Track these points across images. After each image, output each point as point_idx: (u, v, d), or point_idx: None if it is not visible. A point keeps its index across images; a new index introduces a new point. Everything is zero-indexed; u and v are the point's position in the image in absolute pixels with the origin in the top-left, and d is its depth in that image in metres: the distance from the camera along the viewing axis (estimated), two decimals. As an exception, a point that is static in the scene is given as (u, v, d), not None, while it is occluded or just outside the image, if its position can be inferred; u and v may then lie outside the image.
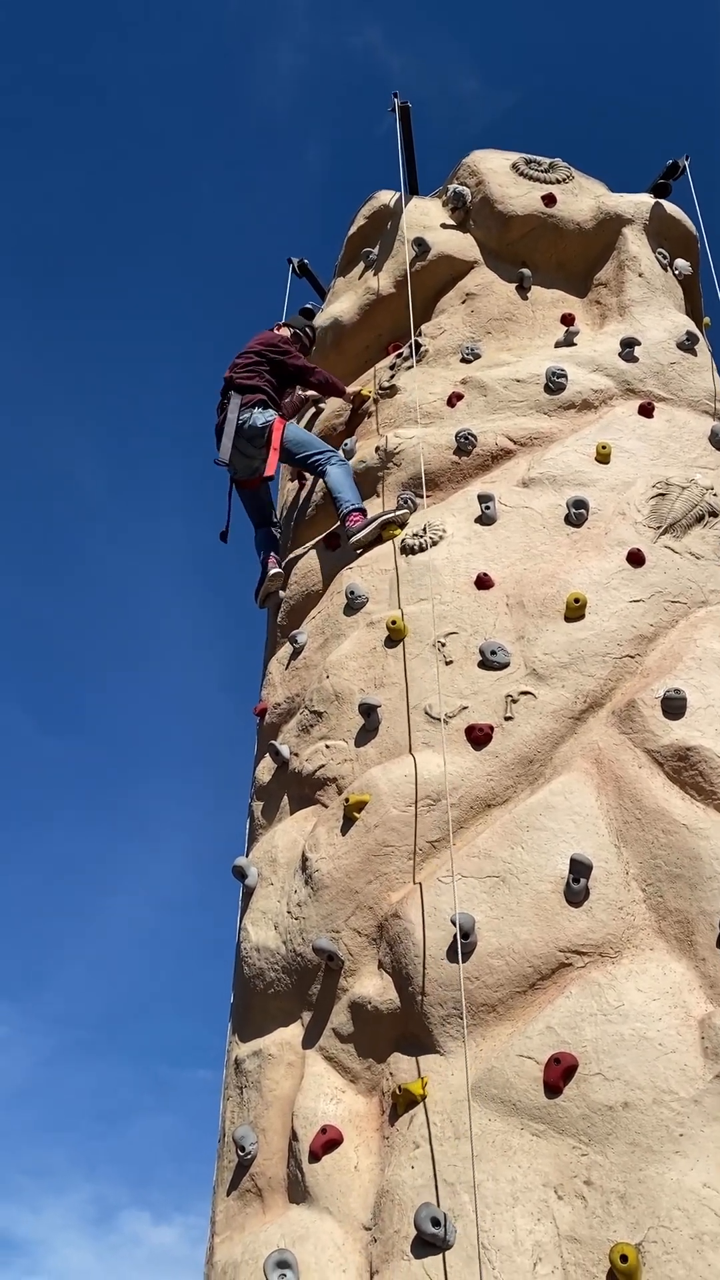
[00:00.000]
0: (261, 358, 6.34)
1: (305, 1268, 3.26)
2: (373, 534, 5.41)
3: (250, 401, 6.11)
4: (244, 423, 6.03)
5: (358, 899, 3.98)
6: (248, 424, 6.02)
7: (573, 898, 3.63)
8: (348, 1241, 3.31)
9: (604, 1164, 3.05)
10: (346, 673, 4.71)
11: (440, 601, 4.70)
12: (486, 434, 5.57)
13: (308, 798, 4.60)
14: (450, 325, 6.41)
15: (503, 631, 4.54)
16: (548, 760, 4.12)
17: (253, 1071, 4.07)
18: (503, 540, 4.96)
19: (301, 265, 7.82)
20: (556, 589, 4.60)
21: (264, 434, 5.99)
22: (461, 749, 4.17)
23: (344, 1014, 3.85)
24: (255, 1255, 3.44)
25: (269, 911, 4.36)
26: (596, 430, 5.42)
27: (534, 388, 5.71)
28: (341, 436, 6.53)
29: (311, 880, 4.12)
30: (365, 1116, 3.64)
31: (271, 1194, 3.73)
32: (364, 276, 7.01)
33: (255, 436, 6.01)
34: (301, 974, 4.06)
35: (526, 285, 6.43)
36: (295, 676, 5.19)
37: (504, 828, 3.89)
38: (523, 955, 3.56)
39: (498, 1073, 3.33)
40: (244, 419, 6.05)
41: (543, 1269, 2.92)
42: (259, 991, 4.25)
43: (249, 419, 6.03)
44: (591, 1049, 3.26)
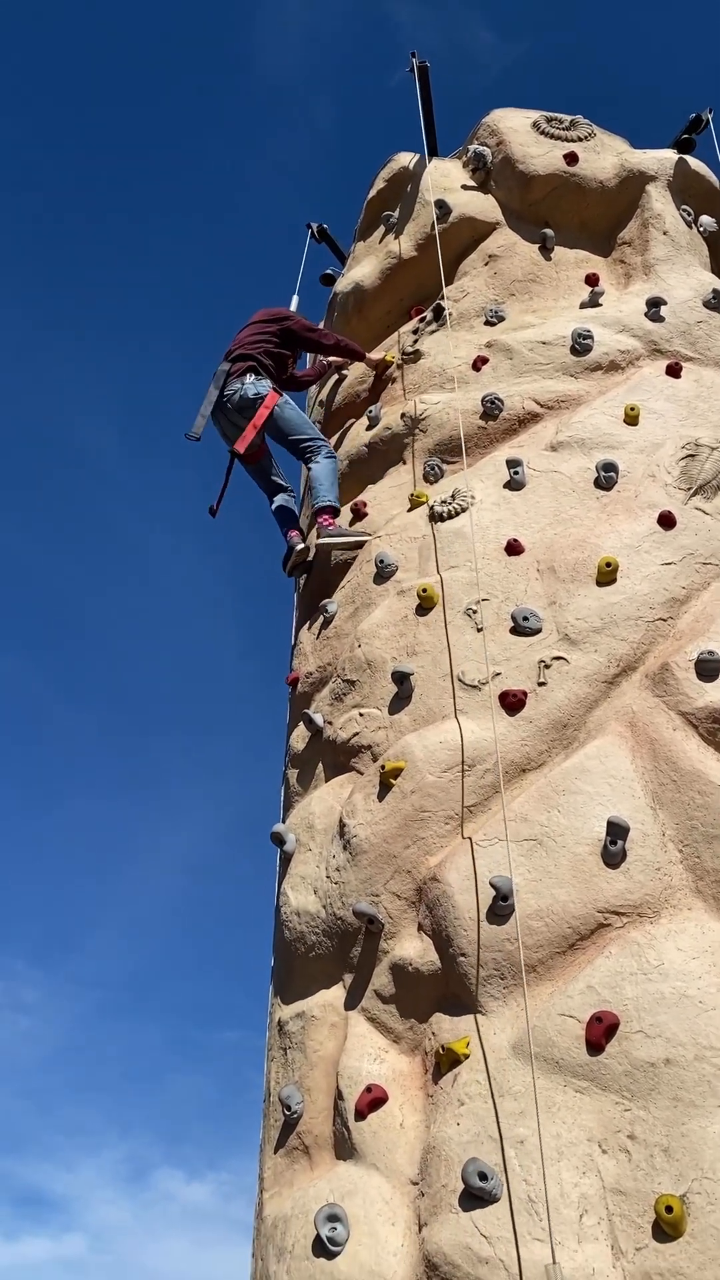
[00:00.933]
0: (267, 326, 6.14)
1: (355, 1221, 3.35)
2: (343, 546, 5.44)
3: (239, 370, 5.86)
4: (233, 393, 5.78)
5: (396, 863, 4.03)
6: (237, 394, 5.78)
7: (610, 860, 3.67)
8: (395, 1196, 3.39)
9: (647, 1119, 3.12)
10: (378, 641, 4.74)
11: (471, 568, 4.72)
12: (513, 398, 5.55)
13: (343, 765, 4.65)
14: (473, 288, 6.37)
15: (534, 597, 4.55)
16: (582, 724, 4.15)
17: (296, 1033, 4.15)
18: (532, 505, 4.96)
19: (320, 230, 7.77)
20: (587, 553, 4.61)
21: (255, 406, 5.76)
22: (497, 715, 4.20)
23: (385, 976, 3.92)
24: (305, 1210, 3.53)
25: (308, 876, 4.42)
26: (624, 392, 5.39)
27: (560, 350, 5.68)
28: (365, 403, 6.52)
29: (350, 846, 4.18)
30: (409, 1075, 3.72)
31: (319, 1151, 3.82)
32: (384, 240, 6.96)
33: (246, 407, 5.77)
34: (342, 937, 4.13)
35: (549, 246, 6.37)
36: (326, 645, 5.22)
37: (540, 792, 3.93)
38: (561, 917, 3.61)
39: (540, 1031, 3.39)
40: (232, 390, 5.79)
41: (589, 1220, 2.99)
42: (300, 955, 4.33)
43: (239, 389, 5.79)
44: (632, 1007, 3.31)
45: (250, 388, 5.76)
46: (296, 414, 5.96)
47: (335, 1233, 3.33)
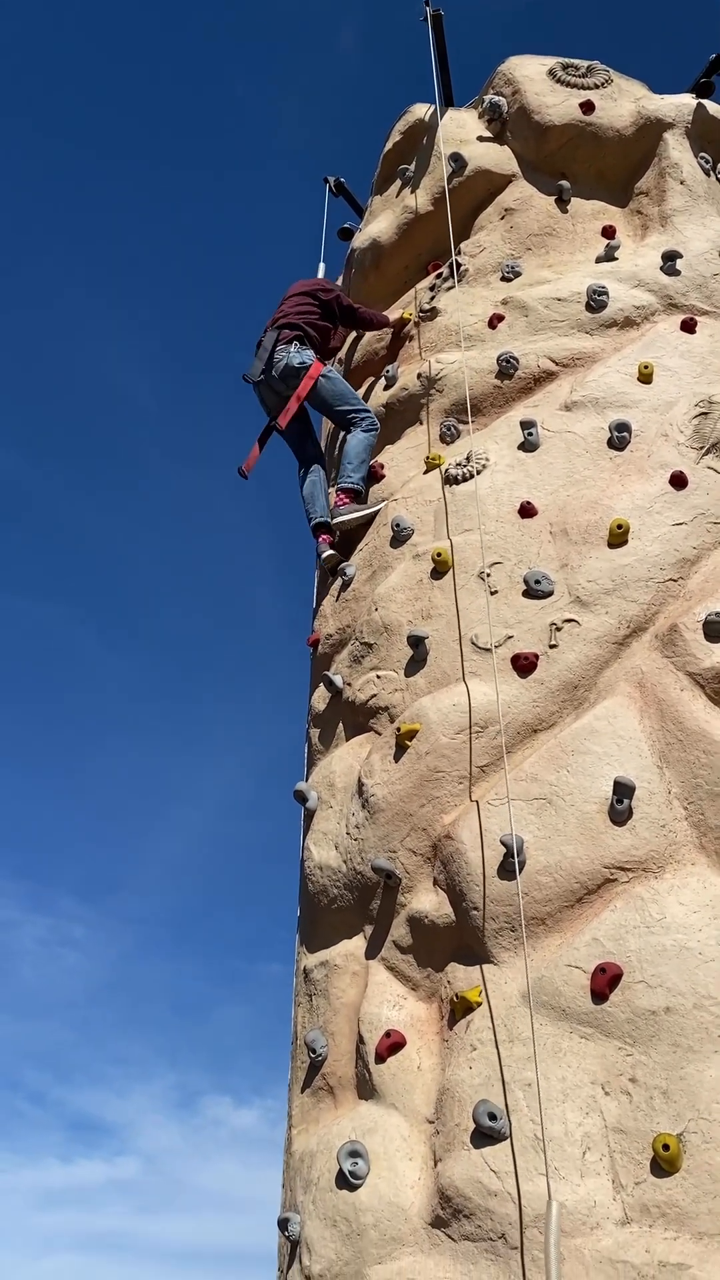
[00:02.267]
0: (311, 298, 6.22)
1: (375, 1156, 3.59)
2: (358, 522, 5.53)
3: (287, 338, 5.97)
4: (279, 361, 5.88)
5: (412, 821, 4.21)
6: (283, 362, 5.88)
7: (616, 818, 3.82)
8: (413, 1133, 3.62)
9: (647, 1063, 3.30)
10: (394, 605, 4.87)
11: (484, 531, 4.82)
12: (528, 356, 5.59)
13: (361, 725, 4.81)
14: (489, 243, 6.37)
15: (546, 560, 4.65)
16: (592, 685, 4.28)
17: (320, 980, 4.37)
18: (545, 467, 5.03)
19: (338, 184, 7.74)
20: (599, 515, 4.69)
21: (299, 375, 5.87)
22: (508, 677, 4.33)
23: (403, 927, 4.12)
24: (329, 1146, 3.78)
25: (329, 833, 4.62)
26: (639, 349, 5.41)
27: (575, 306, 5.70)
28: (383, 361, 6.57)
29: (368, 804, 4.36)
30: (426, 1021, 3.93)
31: (342, 1091, 4.05)
32: (401, 194, 6.94)
33: (290, 376, 5.89)
34: (362, 890, 4.33)
35: (566, 198, 6.35)
36: (345, 608, 5.36)
37: (550, 752, 4.07)
38: (569, 872, 3.77)
39: (548, 981, 3.58)
40: (278, 358, 5.89)
41: (591, 1157, 3.20)
42: (323, 907, 4.53)
43: (284, 358, 5.89)
44: (635, 959, 3.48)
45: (295, 356, 5.86)
46: (340, 384, 6.02)
47: (357, 1167, 3.57)
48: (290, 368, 5.85)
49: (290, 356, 5.87)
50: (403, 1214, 3.43)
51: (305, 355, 5.90)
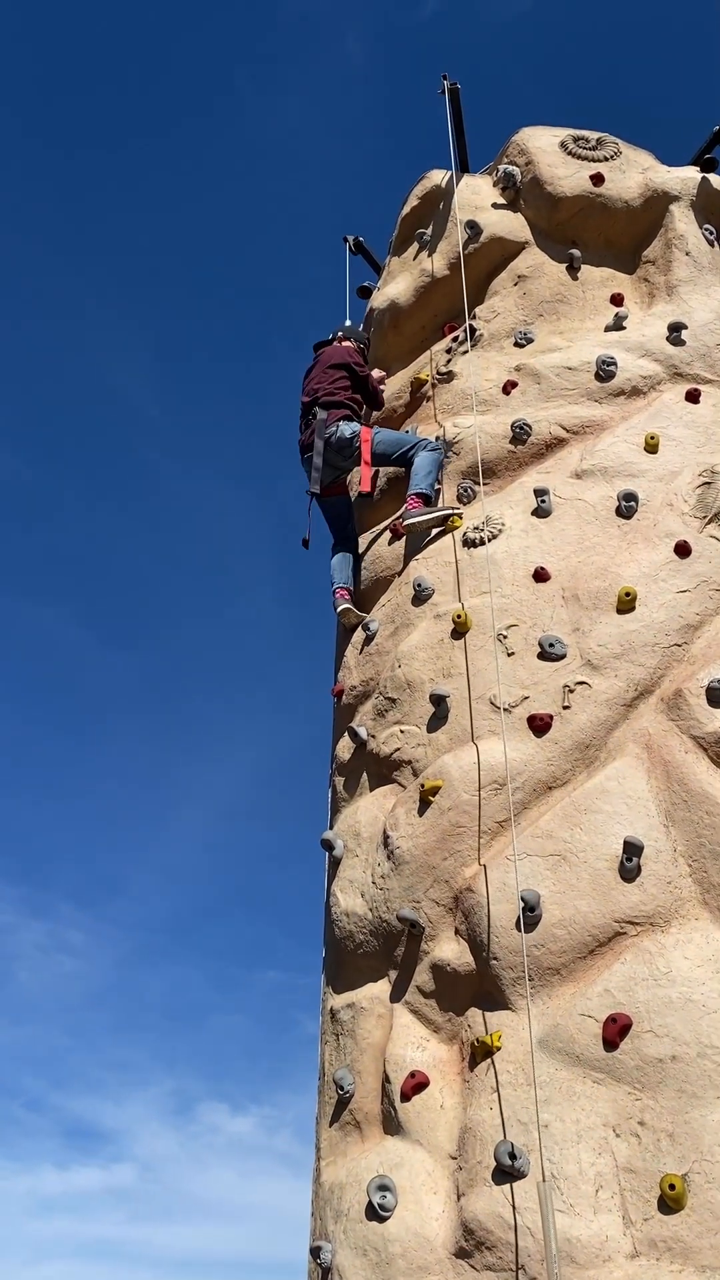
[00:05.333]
0: (346, 373, 6.57)
1: (402, 1190, 3.88)
2: (428, 524, 5.77)
3: (336, 417, 6.34)
4: (331, 436, 6.26)
5: (435, 873, 4.51)
6: (335, 437, 6.25)
7: (626, 874, 4.12)
8: (437, 1169, 3.91)
9: (655, 1107, 3.60)
10: (416, 663, 5.18)
11: (501, 594, 5.13)
12: (540, 423, 5.90)
13: (385, 776, 5.11)
14: (503, 308, 6.69)
15: (559, 624, 4.96)
16: (602, 745, 4.58)
17: (347, 1021, 4.66)
18: (558, 533, 5.34)
19: (357, 243, 8.06)
20: (608, 582, 4.99)
21: (352, 444, 6.24)
22: (524, 736, 4.64)
23: (426, 974, 4.41)
24: (358, 1178, 4.07)
25: (355, 881, 4.91)
26: (645, 419, 5.73)
27: (585, 375, 6.01)
28: (402, 418, 6.89)
29: (393, 856, 4.66)
30: (448, 1062, 4.22)
31: (369, 1126, 4.34)
32: (418, 258, 7.26)
33: (344, 448, 6.26)
34: (387, 938, 4.63)
35: (576, 265, 6.67)
36: (369, 661, 5.66)
37: (564, 810, 4.37)
38: (583, 925, 4.07)
39: (562, 1029, 3.88)
40: (330, 432, 6.27)
41: (603, 1195, 3.49)
42: (349, 951, 4.83)
43: (335, 432, 6.26)
44: (644, 1009, 3.78)
45: (346, 428, 6.28)
46: (391, 434, 6.37)
47: (385, 1200, 3.87)
48: (344, 439, 6.25)
49: (341, 430, 6.28)
50: (428, 1245, 3.72)
51: (354, 427, 6.31)
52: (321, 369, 6.64)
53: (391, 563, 5.98)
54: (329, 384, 6.51)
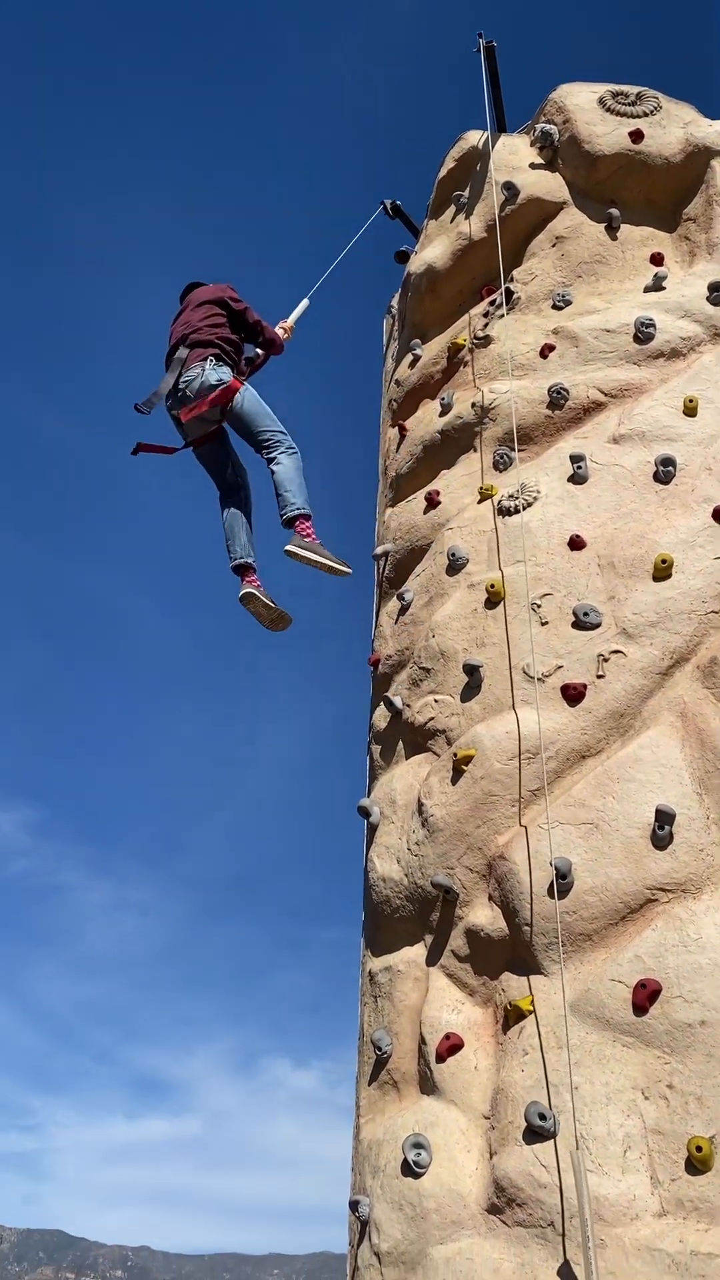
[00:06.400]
0: (220, 308, 5.81)
1: (436, 1148, 3.99)
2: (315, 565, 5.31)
3: (201, 356, 5.54)
4: (192, 379, 5.47)
5: (469, 841, 4.57)
6: (197, 380, 5.46)
7: (658, 842, 4.15)
8: (470, 1128, 4.01)
9: (684, 1071, 3.65)
10: (450, 633, 5.21)
11: (535, 563, 5.13)
12: (578, 387, 5.85)
13: (420, 745, 5.17)
14: (541, 270, 6.61)
15: (594, 592, 4.95)
16: (636, 714, 4.59)
17: (385, 984, 4.77)
18: (594, 499, 5.32)
19: (395, 207, 7.98)
20: (645, 549, 4.97)
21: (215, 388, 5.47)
22: (558, 706, 4.66)
23: (460, 938, 4.49)
24: (394, 1136, 4.18)
25: (391, 847, 4.99)
26: (684, 381, 5.65)
27: (623, 338, 5.94)
28: (439, 384, 6.86)
29: (427, 823, 4.73)
30: (482, 1025, 4.31)
31: (406, 1086, 4.45)
32: (455, 220, 7.19)
33: (208, 394, 5.47)
34: (423, 903, 4.71)
35: (615, 225, 6.56)
36: (404, 631, 5.70)
37: (596, 779, 4.40)
38: (614, 893, 4.11)
39: (593, 994, 3.94)
40: (191, 375, 5.48)
41: (631, 1155, 3.56)
42: (386, 915, 4.92)
43: (198, 375, 5.47)
44: (674, 975, 3.83)
45: (212, 374, 5.48)
46: (258, 404, 5.62)
47: (420, 1157, 3.98)
48: (207, 385, 5.45)
49: (206, 375, 5.48)
50: (462, 1200, 3.83)
51: (222, 372, 5.52)
52: (191, 308, 5.90)
53: (427, 531, 5.99)
54: (198, 321, 5.73)
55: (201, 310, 5.80)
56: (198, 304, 5.86)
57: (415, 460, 6.55)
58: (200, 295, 5.94)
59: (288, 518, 5.41)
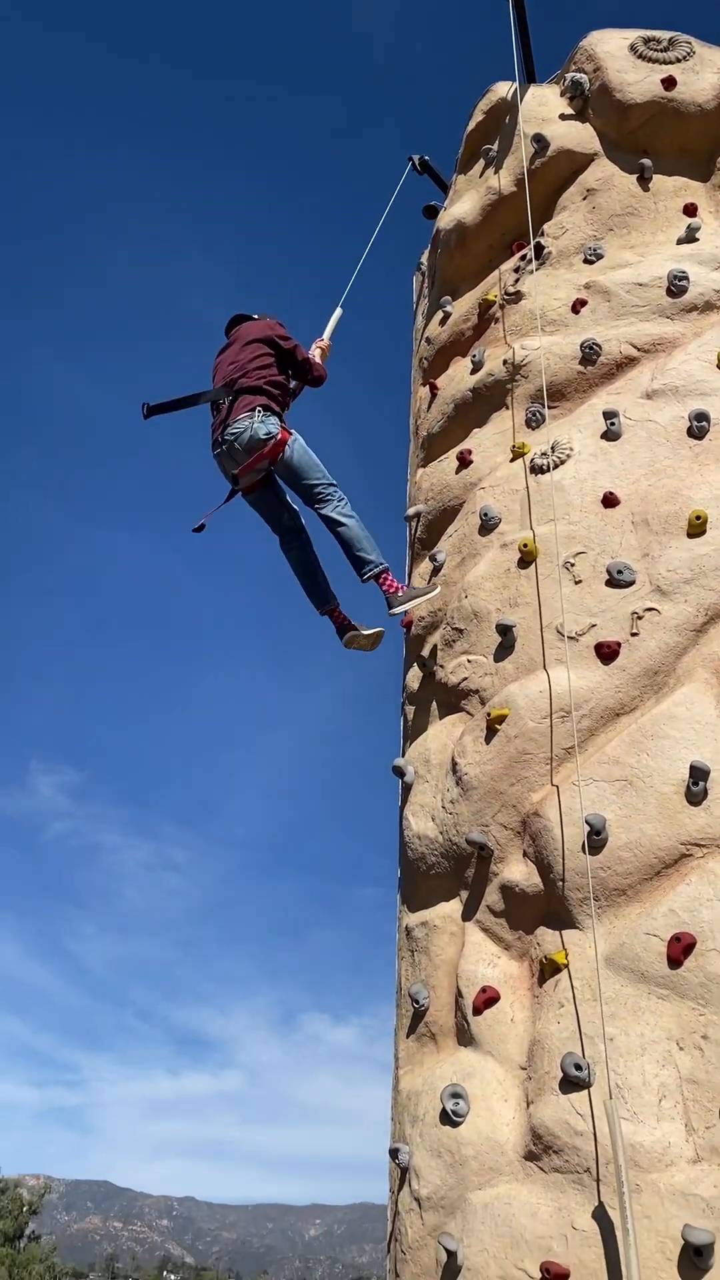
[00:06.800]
0: (268, 347, 5.61)
1: (474, 1097, 4.07)
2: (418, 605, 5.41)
3: (248, 405, 5.36)
4: (240, 432, 5.30)
5: (503, 799, 4.61)
6: (246, 434, 5.28)
7: (692, 798, 4.17)
8: (508, 1078, 4.09)
9: (718, 1022, 3.70)
10: (483, 593, 5.22)
11: (569, 521, 5.12)
12: (610, 342, 5.79)
13: (454, 705, 5.21)
14: (572, 224, 6.52)
15: (628, 550, 4.94)
16: (671, 671, 4.59)
17: (421, 939, 4.84)
18: (628, 456, 5.29)
19: (423, 162, 7.89)
20: (679, 506, 4.95)
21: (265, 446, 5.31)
22: (591, 664, 4.67)
23: (496, 894, 4.55)
24: (433, 1086, 4.27)
25: (426, 805, 5.05)
26: (718, 334, 5.58)
27: (656, 291, 5.86)
28: (470, 341, 6.81)
29: (462, 782, 4.78)
30: (518, 978, 4.37)
31: (443, 1038, 4.54)
32: (485, 174, 7.10)
33: (256, 449, 5.31)
34: (458, 860, 4.77)
35: (648, 175, 6.45)
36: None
37: (631, 736, 4.42)
38: (648, 848, 4.15)
39: (628, 947, 3.99)
40: (239, 429, 5.30)
41: (666, 1104, 3.63)
42: (422, 872, 4.99)
43: (247, 428, 5.29)
44: (708, 929, 3.87)
45: (260, 427, 5.30)
46: (306, 454, 5.45)
47: (458, 1106, 4.07)
48: (256, 440, 5.30)
49: (255, 428, 5.30)
50: (499, 1148, 3.92)
51: (270, 424, 5.33)
52: (238, 346, 5.68)
53: (459, 491, 5.98)
54: (246, 362, 5.54)
55: (250, 350, 5.62)
56: (246, 341, 5.68)
57: (447, 419, 6.53)
58: (249, 332, 5.76)
59: (370, 575, 5.38)
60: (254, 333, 5.69)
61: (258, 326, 5.76)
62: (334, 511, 5.40)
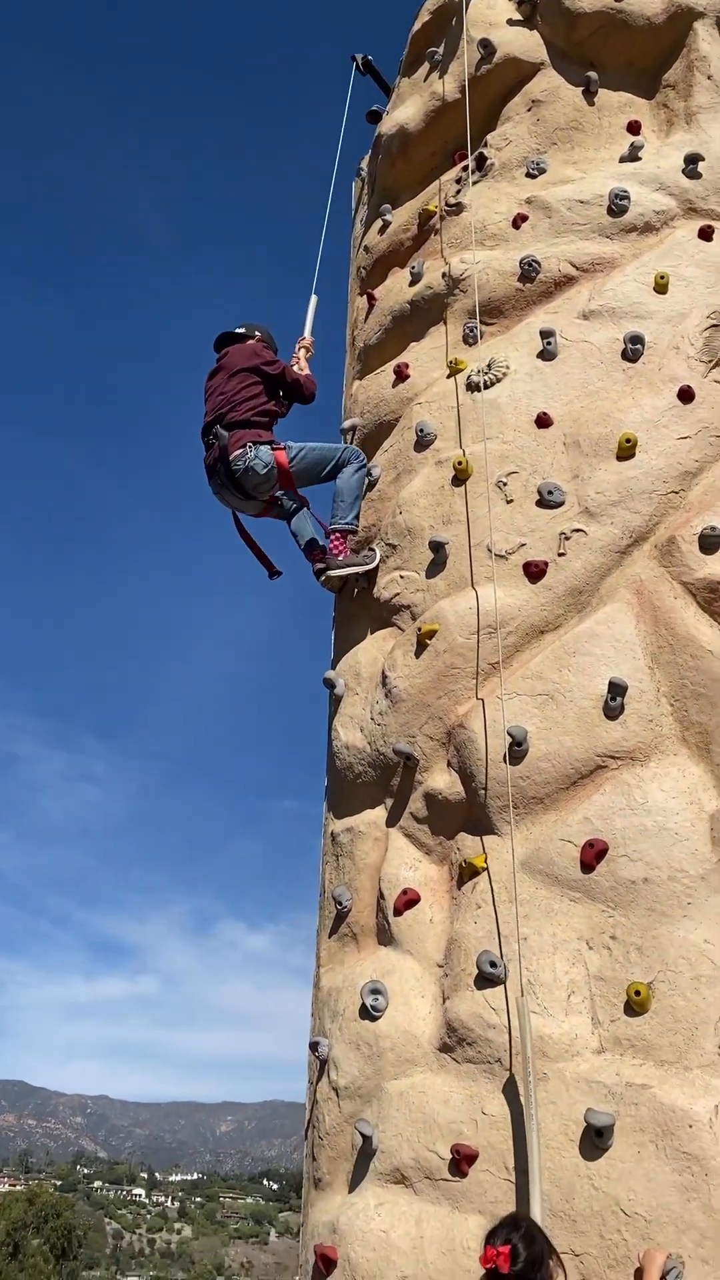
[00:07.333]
0: (255, 376, 5.66)
1: (393, 993, 4.25)
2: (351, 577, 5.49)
3: (240, 441, 5.42)
4: (236, 467, 5.38)
5: (430, 711, 4.73)
6: (243, 468, 5.38)
7: (610, 713, 4.33)
8: (425, 975, 4.28)
9: (626, 924, 3.91)
10: (417, 509, 5.27)
11: (502, 440, 5.16)
12: (550, 260, 5.77)
13: (385, 620, 5.28)
14: (516, 135, 6.43)
15: (559, 470, 5.01)
16: (594, 591, 4.72)
17: (346, 844, 4.98)
18: (562, 376, 5.32)
19: (366, 62, 7.66)
20: (610, 428, 5.02)
21: (267, 476, 5.45)
22: (519, 583, 4.77)
23: (419, 801, 4.69)
24: (353, 983, 4.45)
25: (355, 717, 5.15)
26: (656, 256, 5.60)
27: (597, 209, 5.84)
28: (409, 252, 6.73)
29: (391, 694, 4.88)
30: (438, 881, 4.54)
31: (364, 938, 4.71)
32: (429, 79, 6.94)
33: (260, 481, 5.46)
34: (384, 769, 4.89)
35: (593, 89, 6.37)
36: (371, 508, 5.73)
37: (554, 653, 4.55)
38: (566, 759, 4.31)
39: (544, 852, 4.17)
40: (236, 465, 5.38)
41: (575, 999, 3.84)
42: (349, 781, 5.11)
43: (243, 464, 5.38)
44: (620, 836, 4.06)
45: (257, 463, 5.39)
46: (309, 456, 5.58)
47: (377, 1001, 4.25)
48: (256, 475, 5.42)
49: (252, 464, 5.40)
50: (415, 1040, 4.12)
51: (264, 454, 5.43)
52: (225, 376, 5.72)
53: (395, 406, 5.97)
54: (234, 394, 5.59)
55: (237, 381, 5.65)
56: (232, 372, 5.71)
57: (384, 331, 6.48)
58: (234, 361, 5.76)
59: (336, 528, 5.53)
60: (240, 362, 5.73)
61: (244, 354, 5.79)
62: (342, 468, 5.61)
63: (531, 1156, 3.47)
